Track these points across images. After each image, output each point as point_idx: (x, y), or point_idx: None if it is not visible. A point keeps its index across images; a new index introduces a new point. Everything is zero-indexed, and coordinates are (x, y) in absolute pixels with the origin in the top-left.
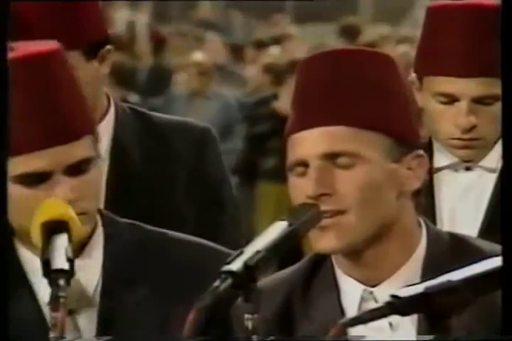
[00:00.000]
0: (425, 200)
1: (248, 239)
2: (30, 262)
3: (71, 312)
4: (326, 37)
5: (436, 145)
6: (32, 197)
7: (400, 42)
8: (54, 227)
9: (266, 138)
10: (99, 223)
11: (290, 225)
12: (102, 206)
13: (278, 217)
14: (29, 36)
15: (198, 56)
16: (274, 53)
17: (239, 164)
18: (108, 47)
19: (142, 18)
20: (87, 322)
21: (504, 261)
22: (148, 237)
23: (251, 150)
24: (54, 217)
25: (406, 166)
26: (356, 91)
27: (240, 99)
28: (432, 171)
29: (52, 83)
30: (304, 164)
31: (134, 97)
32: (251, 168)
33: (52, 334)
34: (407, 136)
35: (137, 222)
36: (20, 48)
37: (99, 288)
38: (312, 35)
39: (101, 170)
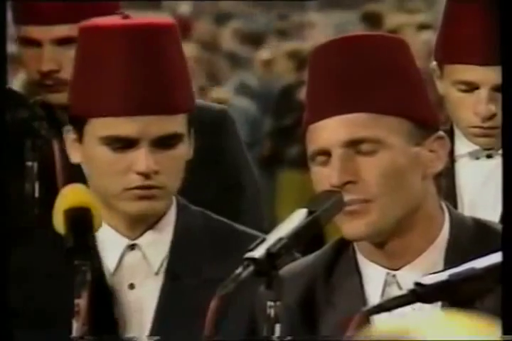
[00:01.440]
0: (446, 188)
1: (270, 226)
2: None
3: (132, 287)
4: (349, 24)
5: (457, 133)
6: (115, 162)
7: (422, 29)
8: (76, 214)
9: (292, 129)
10: (174, 204)
11: (312, 212)
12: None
13: (300, 205)
14: (48, 15)
15: None
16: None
17: (262, 153)
18: None
19: None
20: (149, 298)
21: (504, 259)
22: (217, 225)
23: (276, 142)
24: (76, 204)
25: (428, 149)
26: (372, 76)
27: (263, 85)
28: (453, 159)
29: (161, 54)
30: (326, 153)
31: None
32: (274, 157)
33: (74, 321)
34: (426, 118)
35: (207, 211)
36: (135, 18)
37: (164, 266)
38: (335, 22)
39: (188, 150)
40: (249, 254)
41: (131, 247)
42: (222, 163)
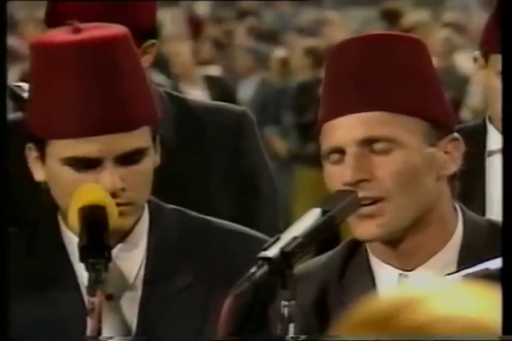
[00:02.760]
0: (477, 185)
1: (285, 224)
2: (73, 243)
3: (111, 298)
4: (367, 22)
5: (490, 128)
6: (79, 182)
7: (442, 26)
8: (91, 212)
9: (309, 127)
10: (146, 210)
11: (327, 212)
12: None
13: (315, 202)
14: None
15: None
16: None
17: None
18: (152, 41)
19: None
20: (128, 307)
21: (504, 261)
22: (193, 225)
23: (296, 138)
24: (91, 202)
25: (442, 150)
26: (390, 76)
27: (280, 83)
28: (484, 154)
29: (116, 69)
30: (340, 151)
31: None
32: (292, 154)
33: (89, 319)
34: (442, 119)
35: (183, 209)
36: (85, 31)
37: (140, 275)
38: (353, 20)
39: (153, 161)
40: (263, 253)
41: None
42: (241, 165)
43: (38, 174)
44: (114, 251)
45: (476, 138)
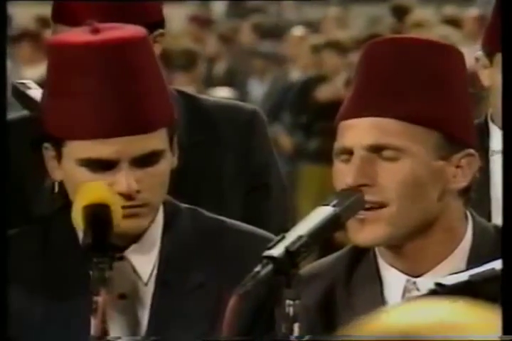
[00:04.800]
0: (480, 184)
1: (293, 223)
2: None
3: (124, 297)
4: (374, 19)
5: (493, 128)
6: None
7: (443, 23)
8: (96, 211)
9: (309, 126)
10: (161, 209)
11: (333, 210)
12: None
13: (319, 199)
14: (81, 15)
15: None
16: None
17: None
18: (160, 30)
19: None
20: (141, 306)
21: (504, 262)
22: (207, 225)
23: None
24: (96, 200)
25: (455, 164)
26: (416, 84)
27: (286, 79)
28: (488, 154)
29: (134, 70)
30: (350, 152)
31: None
32: (295, 151)
33: (92, 319)
34: (459, 134)
35: (198, 208)
36: (104, 31)
37: (154, 275)
38: (359, 17)
39: (170, 163)
40: (268, 252)
41: (120, 258)
42: (251, 163)
43: (55, 173)
44: (129, 251)
45: (478, 137)
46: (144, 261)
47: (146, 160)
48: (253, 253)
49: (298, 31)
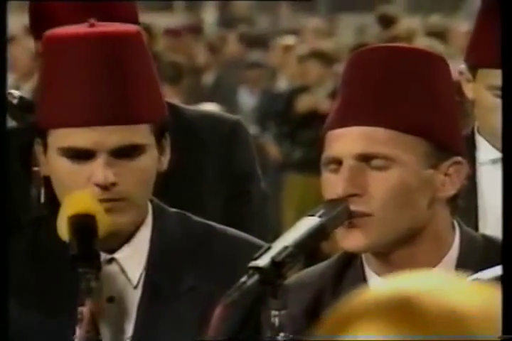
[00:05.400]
0: (468, 196)
1: (273, 231)
2: None
3: (112, 300)
4: (361, 28)
5: (479, 140)
6: (74, 173)
7: (428, 33)
8: (81, 221)
9: (292, 136)
10: (149, 213)
11: (319, 221)
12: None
13: (303, 208)
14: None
15: None
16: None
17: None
18: None
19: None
20: (130, 309)
21: (504, 260)
22: (196, 230)
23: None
24: (81, 210)
25: (443, 172)
26: (404, 93)
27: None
28: (475, 166)
29: (124, 64)
30: (338, 162)
31: None
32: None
33: (77, 329)
34: (448, 142)
35: (186, 213)
36: (99, 26)
37: (143, 279)
38: (347, 25)
39: (153, 161)
40: (253, 263)
41: (109, 261)
42: (232, 172)
43: (43, 168)
44: (118, 254)
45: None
46: (134, 264)
47: (125, 153)
48: (242, 258)
49: (285, 40)
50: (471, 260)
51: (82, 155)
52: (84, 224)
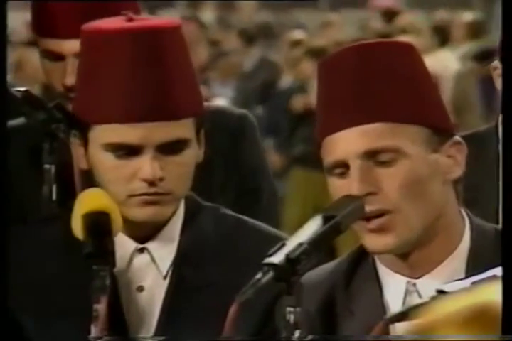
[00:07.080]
0: (491, 190)
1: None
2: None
3: (141, 289)
4: (363, 23)
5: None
6: (120, 168)
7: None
8: (95, 219)
9: (293, 131)
10: (182, 205)
11: (333, 218)
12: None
13: (306, 202)
14: (63, 25)
15: None
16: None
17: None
18: None
19: None
20: (158, 299)
21: (504, 261)
22: (227, 223)
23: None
24: (95, 208)
25: (445, 154)
26: (386, 85)
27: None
28: (498, 160)
29: (166, 58)
30: (344, 165)
31: None
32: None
33: (93, 326)
34: (442, 124)
35: (221, 207)
36: (138, 20)
37: (172, 269)
38: (349, 21)
39: (195, 155)
40: (268, 260)
41: (140, 250)
42: (241, 167)
43: (81, 161)
44: (149, 244)
45: (488, 143)
46: (164, 254)
47: (171, 148)
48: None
49: (294, 35)
50: (484, 252)
51: (128, 151)
52: (98, 221)
